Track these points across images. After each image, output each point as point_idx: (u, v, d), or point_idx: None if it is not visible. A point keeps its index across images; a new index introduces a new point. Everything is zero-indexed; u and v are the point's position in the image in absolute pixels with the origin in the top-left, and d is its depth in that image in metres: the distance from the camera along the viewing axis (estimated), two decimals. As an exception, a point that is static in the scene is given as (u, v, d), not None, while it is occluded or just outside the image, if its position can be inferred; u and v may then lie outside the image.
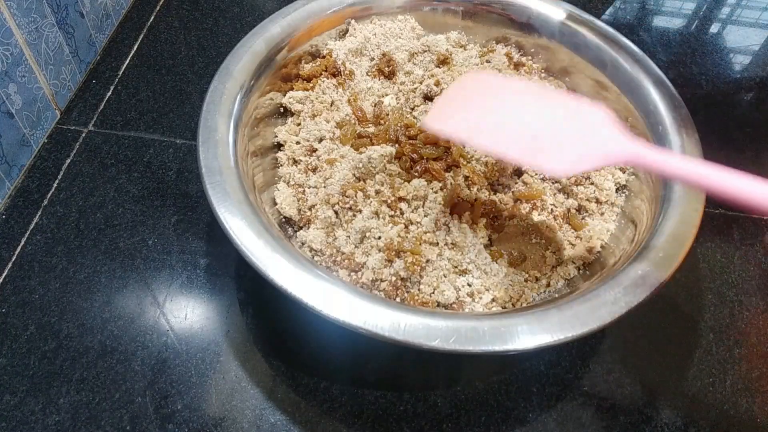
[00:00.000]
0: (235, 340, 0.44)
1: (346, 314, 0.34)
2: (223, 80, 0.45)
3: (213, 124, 0.43)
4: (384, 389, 0.42)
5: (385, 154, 0.44)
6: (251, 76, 0.47)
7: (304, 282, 0.36)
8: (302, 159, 0.48)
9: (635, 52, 0.50)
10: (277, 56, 0.50)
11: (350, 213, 0.43)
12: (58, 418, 0.40)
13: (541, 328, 0.34)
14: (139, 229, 0.50)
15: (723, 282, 0.49)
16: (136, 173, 0.54)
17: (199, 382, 0.42)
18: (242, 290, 0.47)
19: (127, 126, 0.57)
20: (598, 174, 0.48)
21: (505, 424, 0.41)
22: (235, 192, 0.39)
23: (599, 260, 0.44)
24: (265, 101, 0.49)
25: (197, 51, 0.64)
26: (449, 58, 0.54)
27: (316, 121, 0.49)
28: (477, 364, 0.44)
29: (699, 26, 0.73)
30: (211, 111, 0.43)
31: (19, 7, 0.49)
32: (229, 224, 0.38)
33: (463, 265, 0.42)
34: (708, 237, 0.52)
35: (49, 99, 0.56)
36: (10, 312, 0.44)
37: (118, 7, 0.66)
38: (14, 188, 0.52)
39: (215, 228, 0.50)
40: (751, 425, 0.42)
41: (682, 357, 0.45)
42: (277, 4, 0.68)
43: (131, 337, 0.44)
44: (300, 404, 0.41)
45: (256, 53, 0.48)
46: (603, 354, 0.45)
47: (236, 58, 0.47)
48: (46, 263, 0.47)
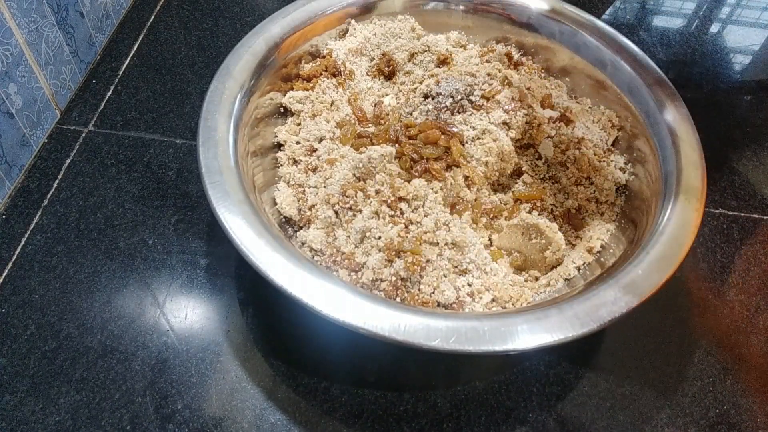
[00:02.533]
0: (235, 340, 0.44)
1: (346, 314, 0.34)
2: (223, 80, 0.45)
3: (213, 124, 0.43)
4: (384, 389, 0.42)
5: (385, 154, 0.44)
6: (251, 76, 0.47)
7: (304, 282, 0.36)
8: (302, 159, 0.48)
9: (635, 52, 0.50)
10: (277, 56, 0.50)
11: (350, 213, 0.43)
12: (58, 418, 0.40)
13: (541, 328, 0.34)
14: (139, 229, 0.50)
15: (723, 282, 0.49)
16: (136, 173, 0.54)
17: (199, 382, 0.42)
18: (242, 290, 0.47)
19: (127, 126, 0.57)
20: (598, 174, 0.48)
21: (505, 424, 0.41)
22: (235, 192, 0.39)
23: (599, 260, 0.44)
24: (265, 101, 0.49)
25: (197, 51, 0.64)
26: (449, 58, 0.54)
27: (316, 121, 0.49)
28: (477, 364, 0.44)
29: (699, 26, 0.73)
30: (211, 111, 0.43)
31: (19, 7, 0.49)
32: (229, 224, 0.38)
33: (463, 265, 0.42)
34: (708, 237, 0.52)
35: (49, 99, 0.56)
36: (10, 312, 0.44)
37: (118, 7, 0.66)
38: (14, 188, 0.52)
39: (215, 228, 0.50)
40: (751, 425, 0.42)
41: (682, 357, 0.45)
42: (277, 4, 0.68)
43: (131, 337, 0.44)
44: (300, 404, 0.41)
45: (256, 53, 0.48)
46: (603, 354, 0.45)
47: (236, 58, 0.47)
48: (46, 263, 0.47)
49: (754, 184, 0.56)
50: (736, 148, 0.59)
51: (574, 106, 0.51)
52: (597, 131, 0.50)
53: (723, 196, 0.55)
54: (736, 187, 0.56)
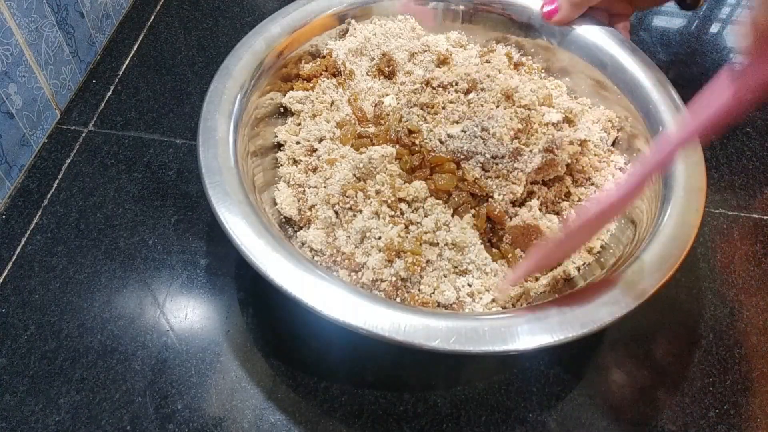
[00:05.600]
0: (235, 340, 0.44)
1: (346, 315, 0.34)
2: (223, 80, 0.45)
3: (213, 124, 0.43)
4: (384, 389, 0.42)
5: (385, 154, 0.44)
6: (251, 76, 0.47)
7: (305, 282, 0.36)
8: (302, 159, 0.47)
9: (635, 52, 0.50)
10: (277, 56, 0.50)
11: (350, 213, 0.43)
12: (58, 418, 0.40)
13: (542, 328, 0.34)
14: (139, 229, 0.50)
15: (723, 282, 0.49)
16: (136, 173, 0.54)
17: (199, 382, 0.42)
18: (242, 290, 0.47)
19: (127, 126, 0.57)
20: (598, 174, 0.48)
21: (505, 424, 0.41)
22: (235, 192, 0.39)
23: (599, 260, 0.44)
24: (265, 101, 0.49)
25: (197, 51, 0.64)
26: (449, 58, 0.54)
27: (316, 121, 0.49)
28: (477, 364, 0.44)
29: (699, 26, 0.73)
30: (211, 111, 0.43)
31: (19, 7, 0.49)
32: (229, 224, 0.38)
33: (463, 265, 0.42)
34: (708, 237, 0.52)
35: (49, 99, 0.56)
36: (10, 312, 0.45)
37: (118, 7, 0.66)
38: (14, 188, 0.52)
39: (215, 228, 0.50)
40: (751, 425, 0.42)
41: (682, 357, 0.45)
42: (277, 4, 0.68)
43: (131, 337, 0.44)
44: (300, 404, 0.41)
45: (256, 53, 0.48)
46: (603, 354, 0.45)
47: (236, 59, 0.47)
48: (46, 263, 0.47)
49: (754, 184, 0.56)
50: (736, 148, 0.59)
51: (574, 106, 0.51)
52: (597, 131, 0.50)
53: (723, 196, 0.55)
54: (736, 187, 0.56)
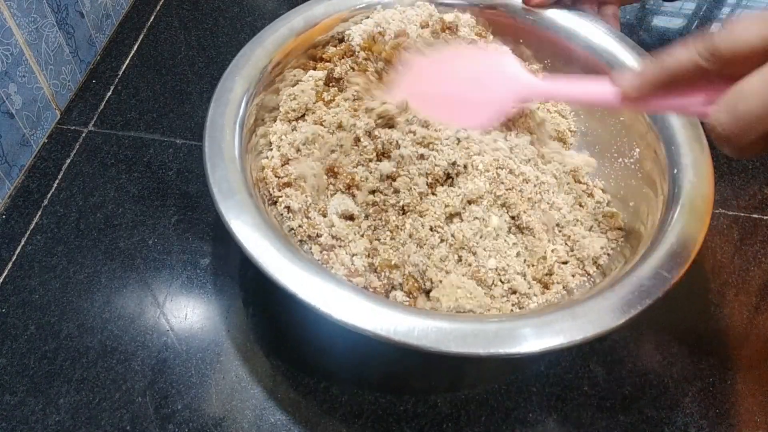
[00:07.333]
0: (236, 340, 0.44)
1: (359, 319, 0.34)
2: (232, 78, 0.45)
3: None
4: (384, 389, 0.42)
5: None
6: (255, 81, 0.47)
7: (306, 283, 0.35)
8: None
9: (635, 52, 0.50)
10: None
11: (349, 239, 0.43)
12: (58, 418, 0.40)
13: (547, 331, 0.34)
14: (139, 229, 0.50)
15: (723, 282, 0.49)
16: (136, 173, 0.54)
17: (199, 382, 0.42)
18: (243, 290, 0.47)
19: (127, 126, 0.57)
20: None
21: (505, 424, 0.41)
22: (240, 191, 0.39)
23: (601, 266, 0.43)
24: (270, 99, 0.49)
25: (197, 51, 0.64)
26: (453, 23, 0.53)
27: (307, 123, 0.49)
28: (477, 365, 0.44)
29: (699, 26, 0.73)
30: (218, 113, 0.43)
31: (19, 7, 0.49)
32: (233, 224, 0.37)
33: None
34: (708, 237, 0.52)
35: (49, 99, 0.56)
36: (10, 312, 0.44)
37: (118, 7, 0.66)
38: (14, 188, 0.52)
39: (215, 228, 0.50)
40: (752, 425, 0.42)
41: (682, 357, 0.45)
42: (277, 4, 0.68)
43: (131, 337, 0.44)
44: (300, 404, 0.41)
45: (258, 55, 0.48)
46: (603, 354, 0.45)
47: (239, 63, 0.47)
48: (46, 263, 0.47)
49: (754, 184, 0.56)
50: (736, 148, 0.59)
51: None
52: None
53: (723, 197, 0.55)
54: (736, 187, 0.56)
